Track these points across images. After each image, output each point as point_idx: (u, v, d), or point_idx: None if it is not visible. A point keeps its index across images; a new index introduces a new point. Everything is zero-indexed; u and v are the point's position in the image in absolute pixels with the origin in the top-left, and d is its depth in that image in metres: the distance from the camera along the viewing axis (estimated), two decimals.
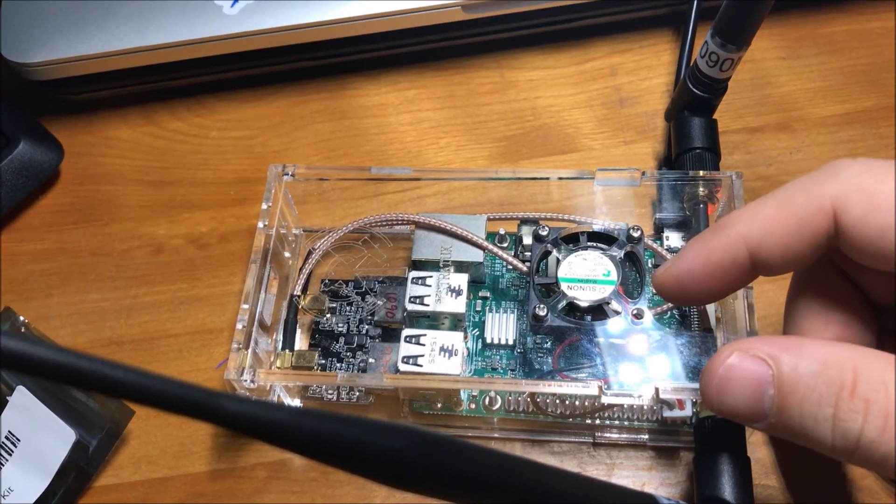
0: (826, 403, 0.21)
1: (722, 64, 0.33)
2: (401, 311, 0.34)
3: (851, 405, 0.20)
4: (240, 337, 0.31)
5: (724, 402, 0.22)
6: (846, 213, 0.22)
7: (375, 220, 0.35)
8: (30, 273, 0.38)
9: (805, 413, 0.21)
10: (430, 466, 0.18)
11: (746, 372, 0.22)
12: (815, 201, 0.23)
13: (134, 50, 0.39)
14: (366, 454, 0.18)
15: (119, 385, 0.16)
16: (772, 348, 0.22)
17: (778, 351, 0.22)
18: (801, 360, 0.21)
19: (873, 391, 0.20)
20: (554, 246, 0.33)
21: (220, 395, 0.17)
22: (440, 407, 0.32)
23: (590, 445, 0.32)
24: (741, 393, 0.22)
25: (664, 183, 0.34)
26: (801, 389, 0.21)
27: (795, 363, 0.21)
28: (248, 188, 0.40)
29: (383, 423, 0.18)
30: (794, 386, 0.21)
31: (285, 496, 0.32)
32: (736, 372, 0.22)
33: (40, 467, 0.32)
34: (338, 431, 0.18)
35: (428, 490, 0.19)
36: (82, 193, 0.40)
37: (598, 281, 0.31)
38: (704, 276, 0.25)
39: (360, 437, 0.18)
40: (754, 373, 0.22)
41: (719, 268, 0.24)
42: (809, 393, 0.21)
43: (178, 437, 0.34)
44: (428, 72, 0.42)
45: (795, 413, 0.21)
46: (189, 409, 0.16)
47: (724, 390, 0.22)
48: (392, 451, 0.18)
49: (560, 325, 0.31)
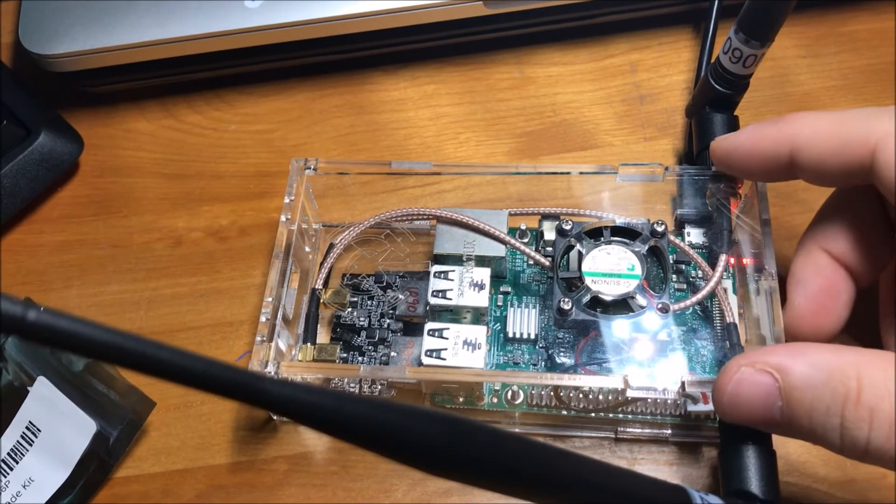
0: (833, 413, 0.21)
1: (745, 60, 0.33)
2: (423, 305, 0.33)
3: (857, 414, 0.21)
4: (263, 330, 0.31)
5: (736, 414, 0.24)
6: (883, 151, 0.24)
7: (396, 215, 0.35)
8: (49, 264, 0.38)
9: (814, 422, 0.22)
10: (468, 453, 0.19)
11: (754, 386, 0.23)
12: (862, 134, 0.25)
13: (154, 43, 0.39)
14: (405, 438, 0.18)
15: (165, 366, 0.16)
16: (777, 359, 0.23)
17: (783, 362, 0.22)
18: (806, 371, 0.22)
19: (878, 398, 0.21)
20: (577, 240, 0.33)
21: (264, 378, 0.17)
22: (462, 401, 0.32)
23: (611, 441, 0.32)
24: (752, 406, 0.23)
25: (685, 179, 0.34)
26: (808, 400, 0.22)
27: (801, 374, 0.22)
28: (267, 182, 0.40)
29: (423, 409, 0.18)
30: (801, 397, 0.22)
31: (305, 489, 0.32)
32: (744, 387, 0.23)
33: (61, 458, 0.32)
34: (378, 416, 0.18)
35: (464, 476, 0.19)
36: (101, 185, 0.40)
37: (622, 275, 0.31)
38: (749, 157, 0.28)
39: (400, 422, 0.18)
40: (762, 386, 0.23)
41: (763, 154, 0.28)
42: (816, 404, 0.22)
43: (199, 429, 0.34)
44: (447, 67, 0.42)
45: (805, 422, 0.22)
46: (234, 391, 0.16)
47: (735, 404, 0.23)
48: (431, 437, 0.18)
49: (584, 318, 0.31)
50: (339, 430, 0.18)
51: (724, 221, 0.34)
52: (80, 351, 0.15)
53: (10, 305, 0.14)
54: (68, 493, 0.32)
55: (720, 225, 0.34)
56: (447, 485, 0.31)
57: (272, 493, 0.32)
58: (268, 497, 0.32)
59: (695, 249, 0.34)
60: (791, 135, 0.26)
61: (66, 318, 0.14)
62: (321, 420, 0.17)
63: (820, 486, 0.31)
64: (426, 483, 0.32)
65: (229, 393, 0.16)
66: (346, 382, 0.32)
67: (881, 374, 0.21)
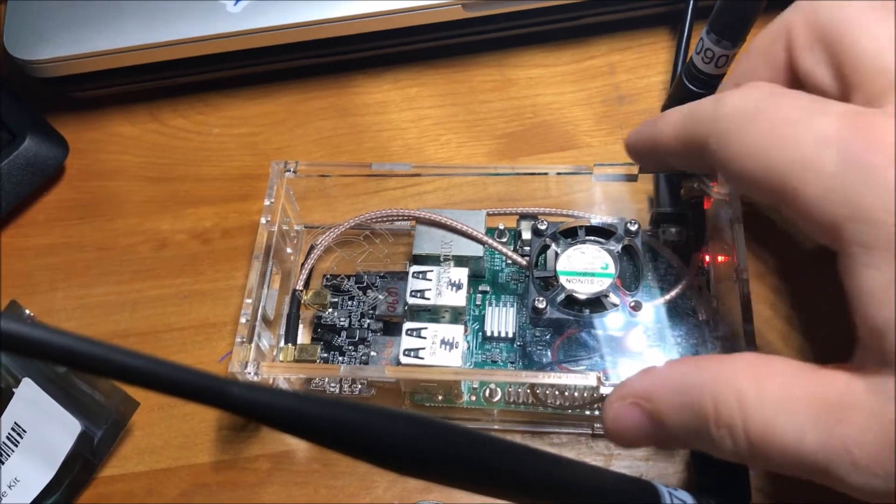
0: (701, 433, 0.22)
1: (717, 60, 0.33)
2: (402, 305, 0.34)
3: (719, 433, 0.22)
4: (243, 331, 0.31)
5: (625, 444, 0.25)
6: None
7: (376, 216, 0.36)
8: (35, 267, 0.39)
9: (689, 441, 0.23)
10: (439, 453, 0.19)
11: (629, 419, 0.24)
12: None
13: (138, 47, 0.39)
14: (374, 440, 0.18)
15: (133, 371, 0.16)
16: (641, 387, 0.24)
17: (646, 389, 0.24)
18: (668, 397, 0.23)
19: (730, 416, 0.22)
20: (553, 240, 0.33)
21: (230, 381, 0.17)
22: (441, 399, 0.33)
23: (588, 437, 0.33)
24: (634, 435, 0.24)
25: (661, 178, 0.35)
26: (676, 423, 0.23)
27: (664, 400, 0.23)
28: (250, 184, 0.40)
29: (391, 410, 0.19)
30: (669, 422, 0.23)
31: (287, 487, 0.33)
32: (620, 422, 0.24)
33: (46, 458, 0.32)
34: (344, 417, 0.18)
35: (435, 476, 0.19)
36: (87, 189, 0.41)
37: (595, 274, 0.32)
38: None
39: (367, 423, 0.18)
40: (634, 417, 0.24)
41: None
42: (686, 425, 0.23)
43: (182, 428, 0.34)
44: (429, 69, 0.43)
45: (683, 440, 0.23)
46: (200, 396, 0.17)
47: (620, 438, 0.24)
48: (401, 438, 0.18)
49: (559, 317, 0.32)
50: (305, 433, 0.18)
51: (699, 219, 0.34)
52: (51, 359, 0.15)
53: None
54: (54, 492, 0.32)
55: (695, 223, 0.34)
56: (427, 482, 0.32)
57: (255, 492, 0.33)
58: (250, 495, 0.32)
59: (670, 247, 0.34)
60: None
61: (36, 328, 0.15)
62: (287, 423, 0.18)
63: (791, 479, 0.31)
64: (406, 480, 0.32)
65: (196, 397, 0.17)
66: (326, 382, 0.33)
67: (732, 393, 0.22)
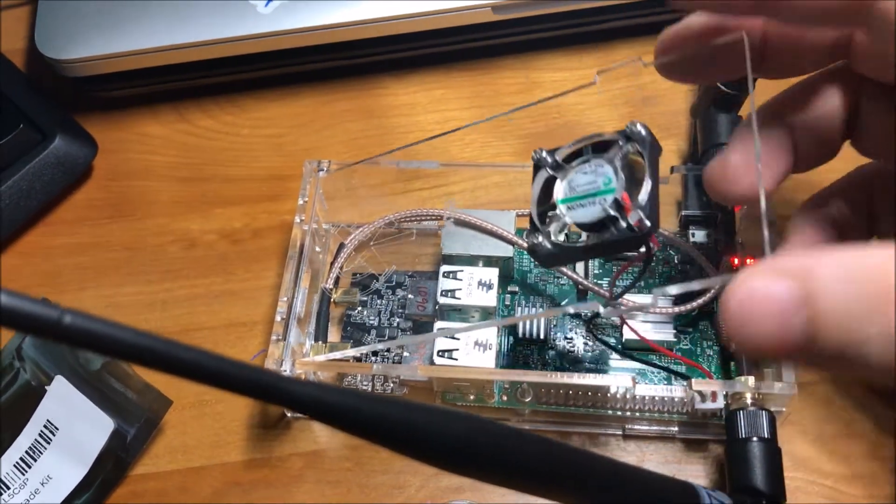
0: (873, 321, 0.17)
1: None
2: (431, 305, 0.34)
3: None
4: (279, 329, 0.32)
5: (746, 336, 0.18)
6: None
7: (405, 216, 0.36)
8: (64, 266, 0.39)
9: (848, 334, 0.18)
10: (490, 452, 0.19)
11: (769, 298, 0.18)
12: None
13: (167, 48, 0.39)
14: (427, 437, 0.18)
15: (192, 366, 0.16)
16: (798, 262, 0.18)
17: (807, 264, 0.18)
18: (835, 272, 0.18)
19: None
20: (555, 170, 0.28)
21: (288, 378, 0.17)
22: (472, 398, 0.33)
23: (619, 437, 0.33)
24: (765, 324, 0.18)
25: (690, 179, 0.35)
26: (840, 307, 0.18)
27: (830, 276, 0.18)
28: (279, 185, 0.40)
29: (445, 409, 0.19)
30: (832, 304, 0.18)
31: (320, 486, 0.33)
32: (756, 301, 0.18)
33: (78, 456, 0.32)
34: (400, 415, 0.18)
35: (484, 474, 0.20)
36: (115, 189, 0.41)
37: (598, 193, 0.27)
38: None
39: (421, 421, 0.18)
40: (779, 296, 0.18)
41: None
42: (852, 308, 0.18)
43: (214, 427, 0.34)
44: (455, 72, 0.43)
45: (833, 335, 0.18)
46: (259, 392, 0.17)
47: (745, 319, 0.18)
48: (453, 436, 0.19)
49: (556, 252, 0.27)
50: (360, 429, 0.18)
51: (728, 222, 0.34)
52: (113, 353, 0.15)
53: (45, 310, 0.14)
54: (86, 490, 0.32)
55: (725, 226, 0.35)
56: (459, 481, 0.32)
57: (288, 490, 0.33)
58: (283, 494, 0.33)
59: (699, 250, 0.34)
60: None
61: (99, 322, 0.15)
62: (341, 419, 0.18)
63: (825, 482, 0.31)
64: (439, 479, 0.32)
65: (254, 393, 0.17)
66: (359, 379, 0.33)
67: None
